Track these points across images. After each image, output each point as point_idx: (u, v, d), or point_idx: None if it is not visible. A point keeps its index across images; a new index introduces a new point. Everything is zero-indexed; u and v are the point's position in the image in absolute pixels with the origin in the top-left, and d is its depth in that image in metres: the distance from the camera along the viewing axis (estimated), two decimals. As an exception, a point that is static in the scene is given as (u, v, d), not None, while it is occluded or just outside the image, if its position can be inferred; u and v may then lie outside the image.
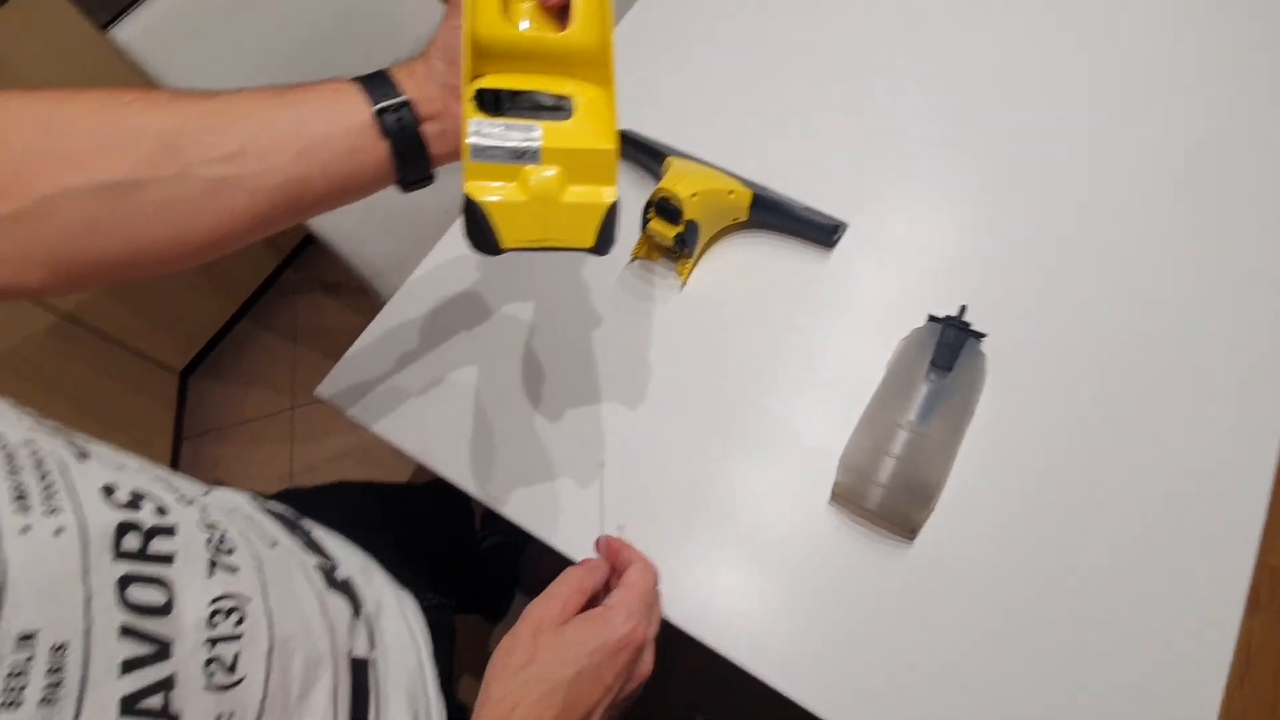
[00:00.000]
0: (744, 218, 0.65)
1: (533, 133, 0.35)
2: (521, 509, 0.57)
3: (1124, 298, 0.59)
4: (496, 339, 0.66)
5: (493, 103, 0.37)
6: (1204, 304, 0.58)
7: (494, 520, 0.75)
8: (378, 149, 0.39)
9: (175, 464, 1.46)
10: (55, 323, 1.19)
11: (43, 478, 0.25)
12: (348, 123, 0.39)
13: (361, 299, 1.69)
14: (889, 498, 0.51)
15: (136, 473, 0.31)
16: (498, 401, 0.63)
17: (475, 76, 0.37)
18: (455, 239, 0.73)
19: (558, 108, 0.37)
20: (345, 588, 0.40)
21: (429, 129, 0.40)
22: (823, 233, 0.64)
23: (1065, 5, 0.77)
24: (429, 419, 0.63)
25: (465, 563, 0.75)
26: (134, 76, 0.72)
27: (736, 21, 0.82)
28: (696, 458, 0.57)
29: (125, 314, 1.33)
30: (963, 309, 0.56)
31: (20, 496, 0.24)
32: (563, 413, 0.61)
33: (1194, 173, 0.64)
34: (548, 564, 0.50)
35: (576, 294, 0.67)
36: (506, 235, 0.35)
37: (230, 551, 0.32)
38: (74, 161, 0.34)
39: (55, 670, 0.22)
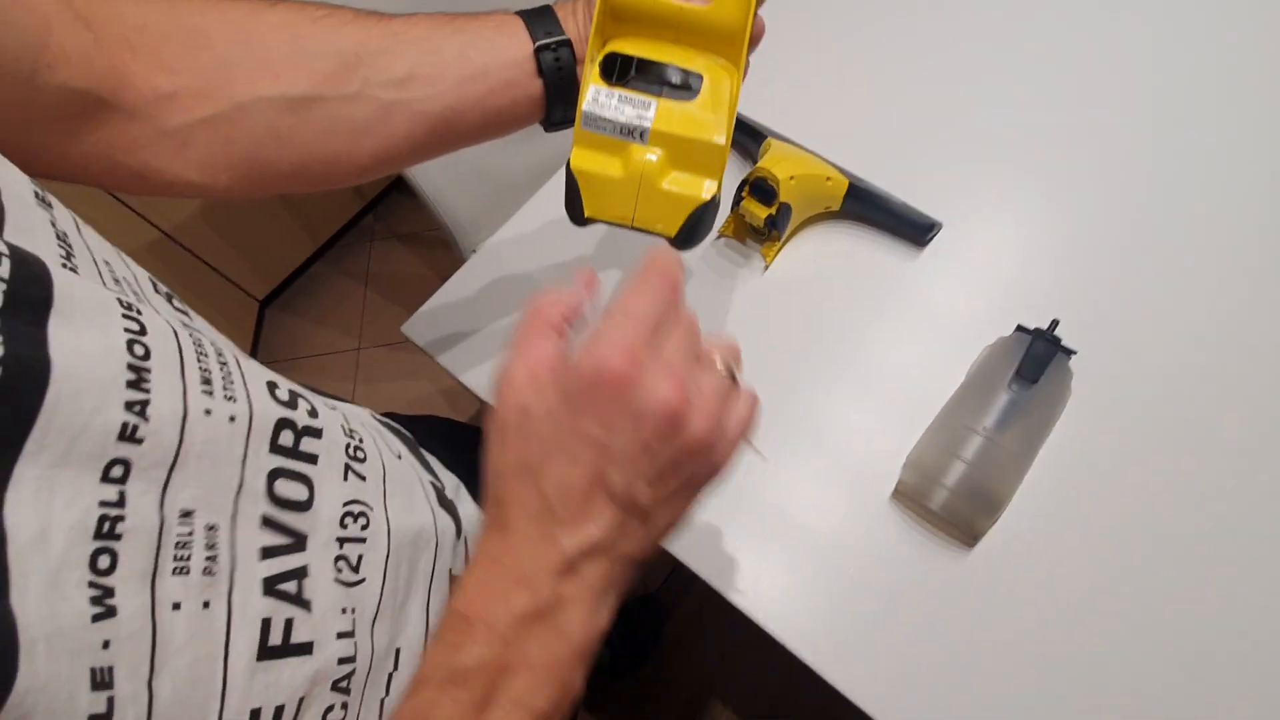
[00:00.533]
0: (836, 207, 0.64)
1: (647, 111, 0.35)
2: None
3: (1229, 339, 0.57)
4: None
5: (620, 67, 0.36)
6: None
7: None
8: (532, 85, 0.40)
9: (247, 387, 1.54)
10: (157, 238, 1.26)
11: (223, 365, 0.27)
12: (506, 56, 0.39)
13: (433, 252, 1.75)
14: (954, 501, 0.50)
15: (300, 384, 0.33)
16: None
17: (607, 39, 0.37)
18: (546, 199, 0.75)
19: (684, 85, 0.36)
20: (451, 508, 0.42)
21: (582, 70, 0.41)
22: (916, 230, 0.63)
23: (1190, 18, 0.73)
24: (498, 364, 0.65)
25: None
26: None
27: (850, 13, 0.81)
28: (761, 443, 0.57)
29: (219, 240, 1.40)
30: (1054, 323, 0.55)
31: (206, 381, 0.25)
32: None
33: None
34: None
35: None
36: (591, 208, 0.36)
37: (363, 460, 0.33)
38: (268, 71, 0.36)
39: (211, 546, 0.24)
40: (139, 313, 0.24)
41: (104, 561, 0.20)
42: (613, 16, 0.36)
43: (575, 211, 0.36)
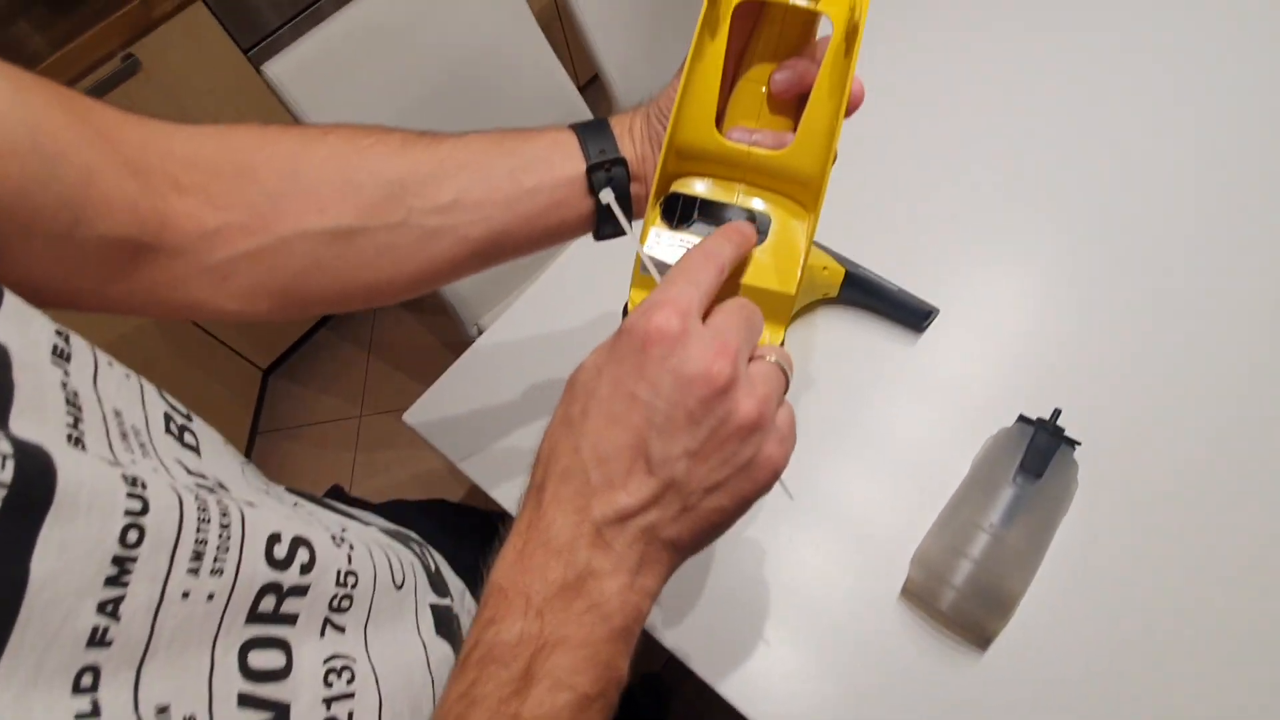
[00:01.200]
0: (834, 294, 0.65)
1: None
2: None
3: (1236, 426, 0.56)
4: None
5: (684, 207, 0.34)
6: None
7: None
8: (583, 204, 0.39)
9: (248, 456, 1.53)
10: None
11: (224, 528, 0.26)
12: (559, 175, 0.39)
13: (437, 319, 1.76)
14: (962, 601, 0.49)
15: (308, 515, 0.32)
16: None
17: (671, 177, 0.35)
18: (550, 283, 0.76)
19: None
20: (452, 631, 0.40)
21: (636, 189, 0.40)
22: (913, 316, 0.63)
23: (1183, 103, 0.75)
24: (504, 458, 0.65)
25: None
26: (272, 98, 0.78)
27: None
28: (766, 531, 0.56)
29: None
30: (1056, 412, 0.55)
31: (198, 555, 0.24)
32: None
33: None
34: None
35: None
36: None
37: (345, 610, 0.32)
38: (314, 205, 0.36)
39: None
40: (144, 487, 0.23)
41: None
42: (679, 155, 0.34)
43: None
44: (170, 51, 1.11)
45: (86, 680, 0.20)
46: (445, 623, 0.40)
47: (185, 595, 0.24)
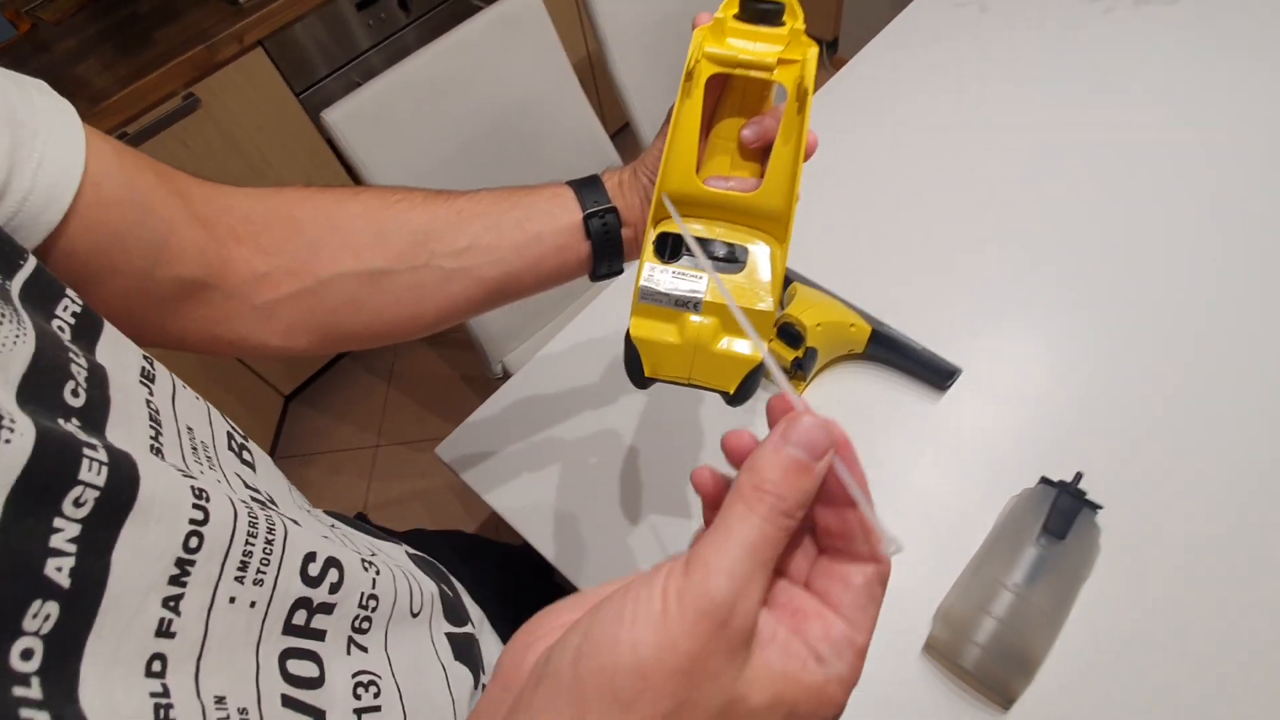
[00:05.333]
0: (860, 350, 0.67)
1: (699, 284, 0.37)
2: (587, 582, 0.59)
3: (1259, 495, 0.57)
4: (599, 426, 0.69)
5: (672, 245, 0.39)
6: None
7: None
8: (581, 247, 0.45)
9: (263, 482, 1.54)
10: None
11: (269, 543, 0.28)
12: (559, 223, 0.44)
13: (458, 354, 1.79)
14: (986, 660, 0.50)
15: (343, 538, 0.34)
16: (586, 484, 0.66)
17: (660, 220, 0.40)
18: (581, 326, 0.78)
19: (732, 258, 0.39)
20: (471, 657, 0.42)
21: (626, 234, 0.46)
22: (937, 375, 0.65)
23: (1199, 168, 0.78)
24: (522, 487, 0.66)
25: None
26: (317, 138, 0.82)
27: (875, 167, 0.88)
28: (789, 580, 0.57)
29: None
30: (1078, 476, 0.56)
31: (243, 566, 0.27)
32: (644, 504, 0.63)
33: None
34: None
35: (689, 398, 0.70)
36: (651, 370, 0.38)
37: (365, 631, 0.34)
38: (349, 251, 0.41)
39: None
40: (207, 500, 0.26)
41: None
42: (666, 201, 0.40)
43: (636, 374, 0.38)
44: (229, 92, 1.18)
45: (156, 666, 0.23)
46: (465, 649, 0.42)
47: (231, 600, 0.26)
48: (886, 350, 0.67)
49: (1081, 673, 0.51)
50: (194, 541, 0.25)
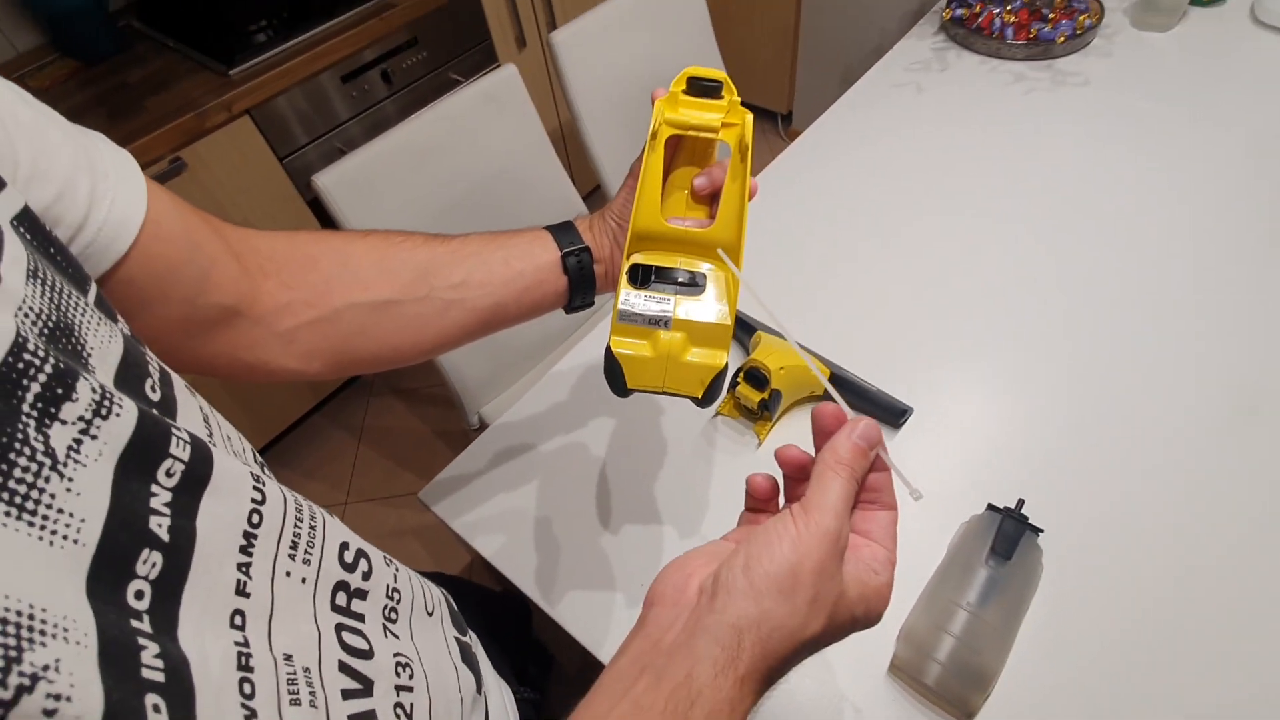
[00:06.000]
0: (821, 391, 0.72)
1: (668, 305, 0.44)
2: (573, 620, 0.62)
3: (1182, 513, 0.63)
4: (578, 469, 0.73)
5: (643, 274, 0.46)
6: (1267, 517, 0.62)
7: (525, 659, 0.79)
8: (559, 282, 0.52)
9: (228, 542, 1.51)
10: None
11: (312, 529, 0.32)
12: (540, 261, 0.51)
13: (430, 408, 1.81)
14: (947, 676, 0.53)
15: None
16: (568, 525, 0.68)
17: (632, 254, 0.47)
18: (559, 376, 0.82)
19: (693, 283, 0.46)
20: (474, 663, 0.45)
21: (598, 269, 0.52)
22: (891, 414, 0.71)
23: (1129, 216, 0.88)
24: (505, 531, 0.69)
25: (529, 673, 0.78)
26: (298, 201, 0.86)
27: (821, 228, 0.96)
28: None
29: (223, 393, 1.45)
30: (1020, 502, 0.61)
31: (294, 545, 0.31)
32: (623, 544, 0.66)
33: (1244, 399, 0.70)
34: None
35: (664, 440, 0.74)
36: (632, 381, 0.44)
37: (395, 621, 0.37)
38: (360, 284, 0.46)
39: (309, 685, 0.28)
40: (263, 484, 0.30)
41: (247, 689, 0.25)
42: (637, 238, 0.47)
43: (618, 384, 0.44)
44: (215, 156, 1.22)
45: (238, 620, 0.27)
46: (468, 655, 0.45)
47: (288, 574, 0.30)
48: (844, 393, 0.72)
49: (1034, 686, 0.55)
50: (255, 518, 0.29)
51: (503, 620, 0.75)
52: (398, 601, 0.38)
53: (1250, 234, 0.86)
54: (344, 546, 0.34)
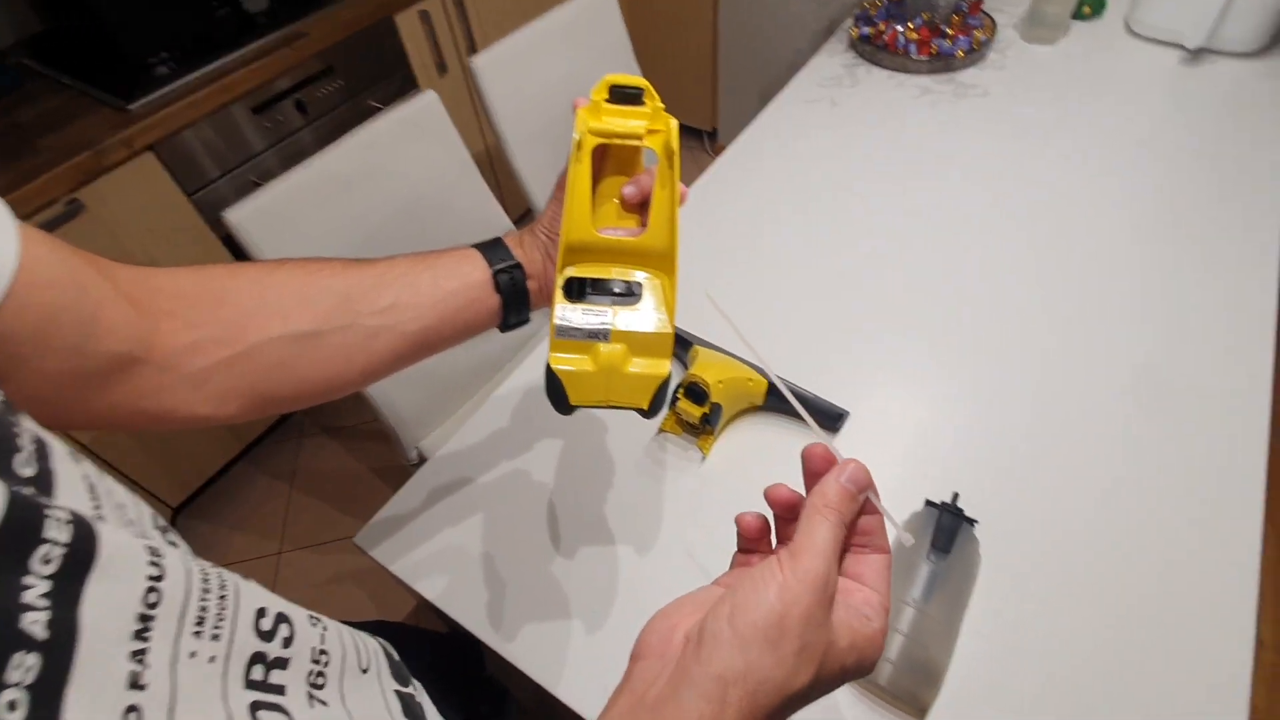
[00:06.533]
0: (760, 402, 0.73)
1: (605, 317, 0.43)
2: (528, 658, 0.60)
3: (1102, 490, 0.67)
4: (522, 499, 0.71)
5: (578, 287, 0.45)
6: (1171, 489, 0.66)
7: (481, 691, 0.76)
8: (491, 300, 0.50)
9: (150, 606, 1.40)
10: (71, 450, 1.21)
11: (222, 599, 0.29)
12: (470, 280, 0.49)
13: (367, 445, 1.74)
14: (898, 675, 0.54)
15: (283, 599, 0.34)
16: (516, 557, 0.67)
17: (565, 267, 0.46)
18: (498, 403, 0.80)
19: (629, 293, 0.45)
20: (418, 715, 0.42)
21: (531, 285, 0.51)
22: (828, 419, 0.72)
23: (1047, 227, 0.93)
24: (450, 569, 0.66)
25: (482, 713, 0.75)
26: (211, 238, 0.82)
27: (749, 241, 0.97)
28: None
29: (135, 447, 1.35)
30: (955, 496, 0.63)
31: (200, 621, 0.28)
32: (576, 570, 0.65)
33: (1149, 381, 0.75)
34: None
35: (607, 460, 0.73)
36: (575, 397, 0.43)
37: (321, 687, 0.34)
38: (278, 316, 0.44)
39: None
40: (161, 556, 0.27)
41: None
42: (570, 250, 0.46)
43: (560, 402, 0.43)
44: (116, 196, 1.15)
45: (133, 718, 0.23)
46: (411, 708, 0.42)
47: (193, 655, 0.27)
48: (782, 401, 0.73)
49: (982, 676, 0.56)
50: (153, 598, 0.26)
51: (451, 662, 0.72)
52: (325, 664, 0.35)
53: (1140, 225, 0.92)
54: (260, 614, 0.31)
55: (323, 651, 0.35)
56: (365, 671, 0.39)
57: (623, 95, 0.47)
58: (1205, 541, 0.62)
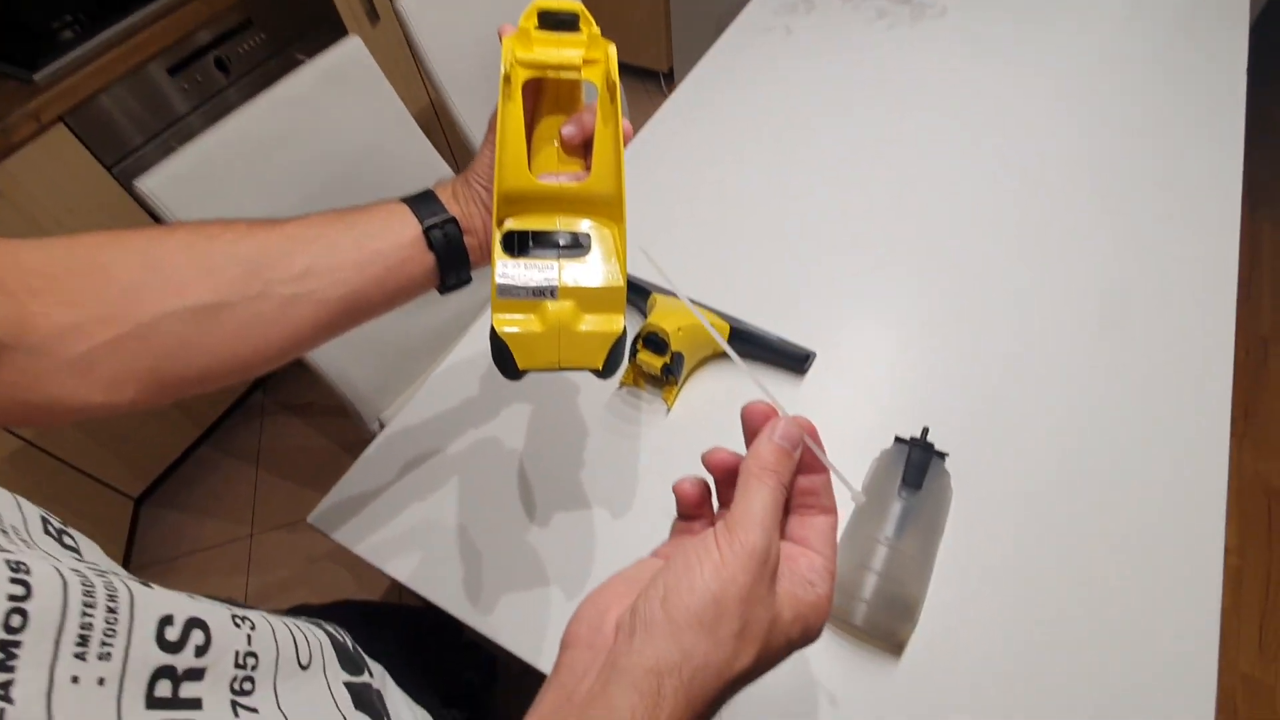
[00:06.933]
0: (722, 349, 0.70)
1: (550, 272, 0.39)
2: (507, 632, 0.58)
3: (1069, 419, 0.66)
4: (488, 465, 0.68)
5: (519, 240, 0.41)
6: (1141, 416, 0.65)
7: (468, 653, 0.74)
8: (425, 260, 0.45)
9: (119, 599, 1.37)
10: (19, 448, 1.16)
11: (111, 611, 0.25)
12: (400, 238, 0.44)
13: (333, 421, 1.70)
14: (873, 613, 0.53)
15: (205, 599, 0.31)
16: (488, 527, 0.64)
17: (503, 220, 0.42)
18: (447, 371, 0.77)
19: (576, 245, 0.41)
20: (372, 705, 0.40)
21: (469, 241, 0.46)
22: (794, 361, 0.70)
23: (1008, 151, 0.90)
24: (419, 545, 0.64)
25: (460, 688, 0.73)
26: (138, 213, 0.76)
27: (711, 176, 0.93)
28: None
29: (86, 439, 1.29)
30: (925, 430, 0.62)
31: (83, 640, 0.24)
32: (550, 536, 0.63)
33: (1114, 305, 0.74)
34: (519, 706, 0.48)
35: (567, 419, 0.70)
36: (523, 361, 0.39)
37: (249, 692, 0.31)
38: (172, 288, 0.38)
39: None
40: (27, 572, 0.23)
41: None
42: (506, 201, 0.42)
43: (508, 368, 0.39)
44: (28, 174, 1.07)
45: None
46: (364, 698, 0.40)
47: (75, 680, 0.23)
48: (746, 344, 0.71)
49: (956, 608, 0.56)
50: (16, 620, 0.22)
51: (435, 634, 0.70)
52: (253, 667, 0.32)
53: (1103, 145, 0.90)
54: (165, 622, 0.28)
55: (249, 654, 0.32)
56: (306, 667, 0.36)
57: (555, 21, 0.42)
58: (1175, 464, 0.62)
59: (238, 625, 0.32)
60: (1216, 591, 0.54)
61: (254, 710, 0.31)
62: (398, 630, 0.71)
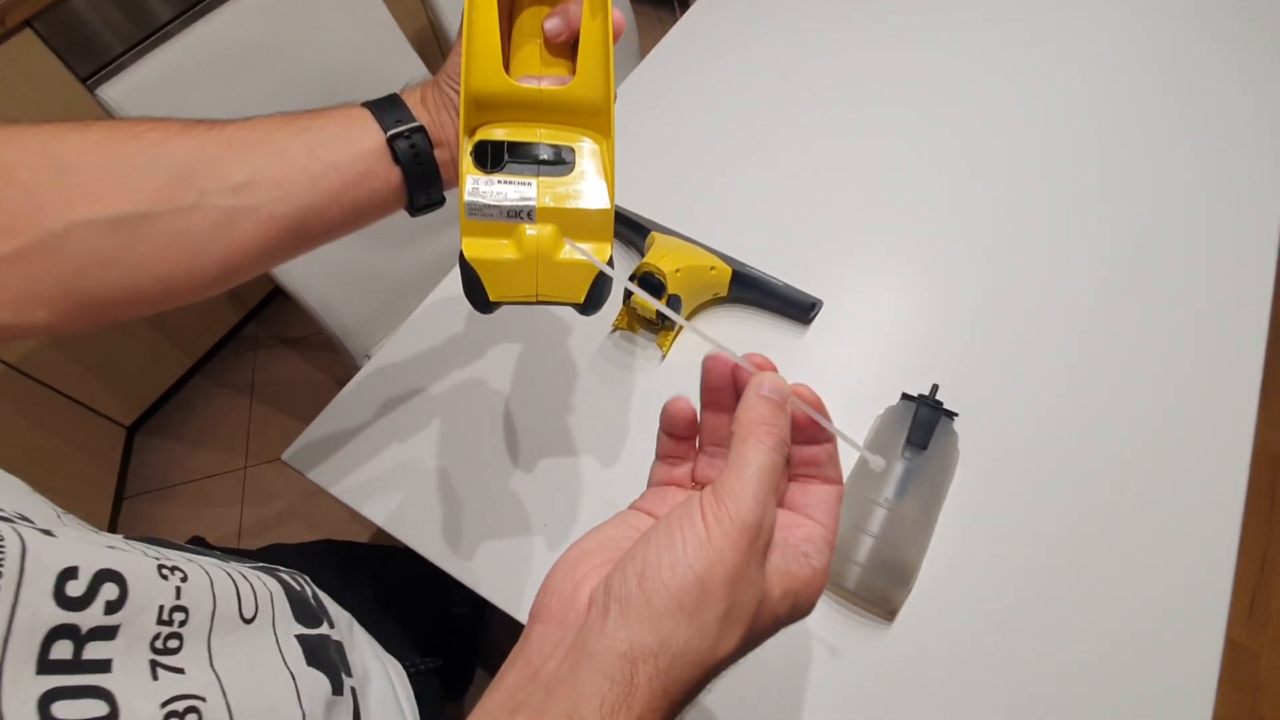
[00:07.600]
0: (724, 293, 0.66)
1: (529, 190, 0.34)
2: (488, 580, 0.55)
3: (1083, 382, 0.62)
4: (473, 407, 0.65)
5: (493, 153, 0.36)
6: (1159, 379, 0.61)
7: (459, 590, 0.73)
8: (391, 174, 0.39)
9: (113, 525, 1.37)
10: (3, 373, 1.13)
11: None
12: (359, 148, 0.38)
13: (325, 355, 1.67)
14: (867, 577, 0.51)
15: (127, 548, 0.28)
16: (470, 471, 0.61)
17: (474, 127, 0.36)
18: (434, 307, 0.73)
19: (558, 160, 0.36)
20: (327, 661, 0.37)
21: (441, 154, 0.40)
22: (799, 309, 0.66)
23: (1028, 97, 0.83)
24: (399, 487, 0.61)
25: (446, 626, 0.71)
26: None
27: (721, 107, 0.87)
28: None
29: (76, 367, 1.27)
30: (934, 388, 0.58)
31: None
32: (535, 483, 0.60)
33: (1141, 263, 0.69)
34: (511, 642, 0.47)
35: (557, 363, 0.67)
36: (495, 292, 0.35)
37: (174, 650, 0.29)
38: (84, 195, 0.33)
39: None
40: None
41: None
42: (476, 106, 0.36)
43: (479, 299, 0.35)
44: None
45: None
46: (319, 652, 0.37)
47: None
48: (749, 290, 0.66)
49: (955, 575, 0.53)
50: None
51: (400, 578, 0.68)
52: (181, 623, 0.29)
53: (1143, 91, 0.83)
54: (68, 575, 0.25)
55: (177, 609, 0.29)
56: (250, 621, 0.33)
57: None
58: (1196, 440, 0.58)
59: (165, 577, 0.29)
60: (1229, 566, 0.52)
61: (178, 670, 0.28)
62: (379, 570, 0.69)
